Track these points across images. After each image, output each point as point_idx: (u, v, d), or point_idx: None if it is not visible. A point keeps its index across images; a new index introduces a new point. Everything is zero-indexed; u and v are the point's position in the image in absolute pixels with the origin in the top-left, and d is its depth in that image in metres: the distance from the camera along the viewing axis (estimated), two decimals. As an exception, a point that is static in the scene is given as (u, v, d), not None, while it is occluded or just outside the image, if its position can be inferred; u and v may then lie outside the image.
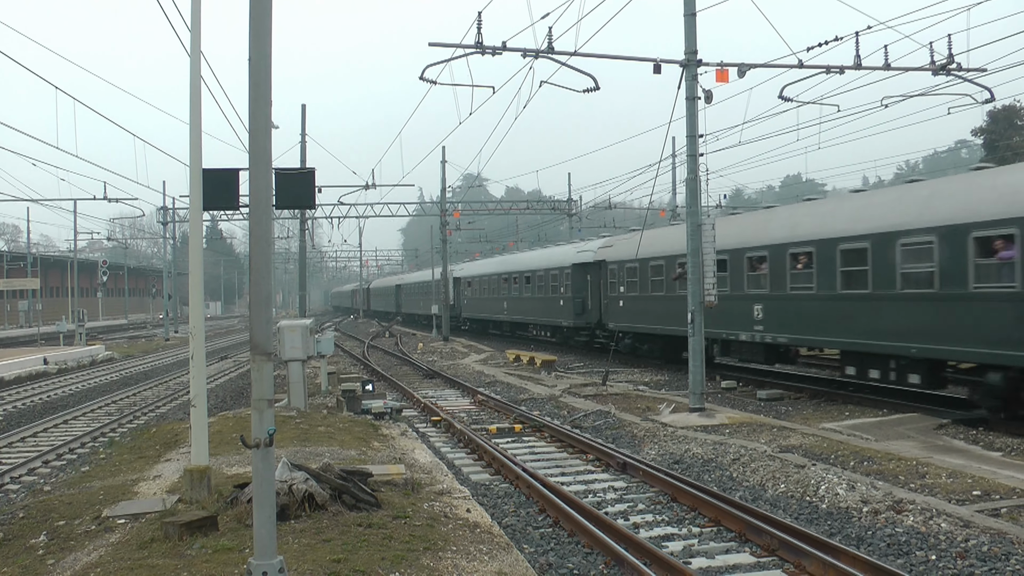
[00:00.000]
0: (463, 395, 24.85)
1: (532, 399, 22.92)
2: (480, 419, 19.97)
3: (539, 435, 17.47)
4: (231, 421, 16.95)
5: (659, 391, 23.82)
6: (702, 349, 19.13)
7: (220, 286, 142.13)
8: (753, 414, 18.84)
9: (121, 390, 28.61)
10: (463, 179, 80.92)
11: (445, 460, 14.92)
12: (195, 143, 10.15)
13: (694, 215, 19.17)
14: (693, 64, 18.74)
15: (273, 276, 6.60)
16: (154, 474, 12.48)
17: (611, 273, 31.21)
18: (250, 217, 6.16)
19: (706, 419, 17.93)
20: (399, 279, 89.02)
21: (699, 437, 15.96)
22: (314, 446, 13.78)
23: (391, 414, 19.45)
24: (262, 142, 6.14)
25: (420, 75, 19.99)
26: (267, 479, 5.95)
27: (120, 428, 20.59)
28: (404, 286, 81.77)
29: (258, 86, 6.03)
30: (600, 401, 21.69)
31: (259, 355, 6.01)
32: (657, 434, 16.65)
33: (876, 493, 11.12)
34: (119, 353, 45.34)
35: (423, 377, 30.33)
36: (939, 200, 16.54)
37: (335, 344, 32.10)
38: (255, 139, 6.12)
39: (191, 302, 10.36)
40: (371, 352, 42.73)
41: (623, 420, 18.46)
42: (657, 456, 14.92)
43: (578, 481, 13.24)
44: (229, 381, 31.35)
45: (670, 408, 19.47)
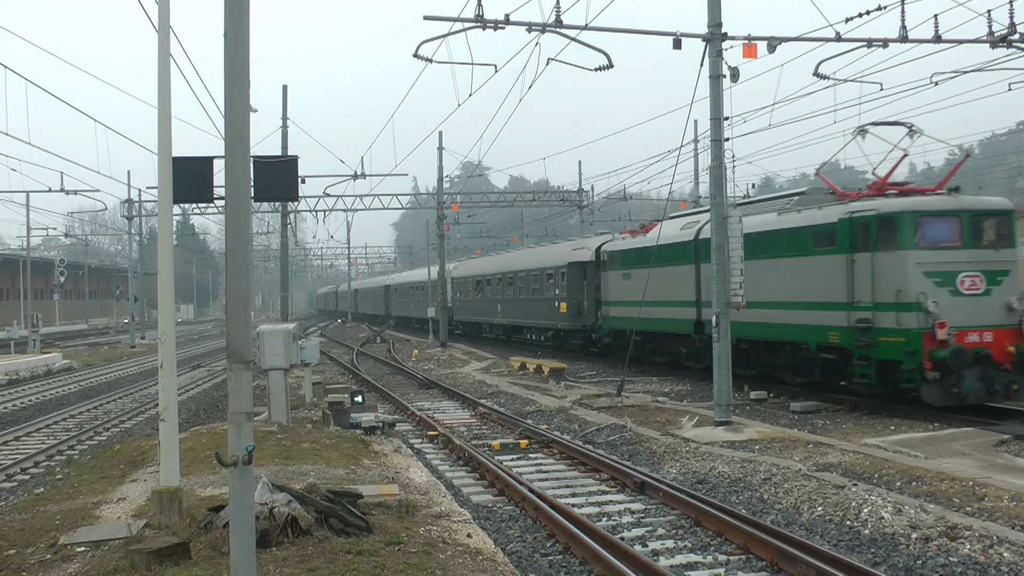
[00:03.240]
0: (463, 407, 24.86)
1: (539, 411, 22.92)
2: (482, 434, 19.96)
3: (547, 451, 17.46)
4: (205, 437, 16.95)
5: (680, 402, 23.80)
6: (728, 356, 19.12)
7: (192, 287, 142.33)
8: (786, 428, 18.82)
9: (81, 403, 28.63)
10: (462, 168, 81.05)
11: (443, 479, 14.92)
12: (164, 128, 10.15)
13: (719, 206, 19.16)
14: (717, 38, 18.73)
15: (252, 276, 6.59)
16: (118, 496, 12.47)
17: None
18: (226, 210, 6.15)
19: (733, 434, 17.91)
20: (388, 279, 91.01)
21: (725, 454, 15.94)
22: (298, 464, 13.77)
23: (383, 428, 19.45)
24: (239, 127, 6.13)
25: (414, 52, 20.02)
26: (245, 501, 5.95)
27: (79, 445, 20.60)
28: (394, 287, 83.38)
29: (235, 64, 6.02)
30: (615, 414, 21.68)
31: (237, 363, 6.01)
32: (678, 450, 16.64)
33: (927, 517, 11.08)
34: (78, 362, 45.40)
35: (418, 387, 30.35)
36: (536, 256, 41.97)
37: (321, 351, 32.15)
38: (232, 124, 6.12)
39: (160, 305, 10.36)
40: (361, 360, 42.77)
41: (641, 435, 18.45)
42: (679, 475, 14.91)
43: (591, 503, 13.24)
44: (203, 392, 31.38)
45: (693, 421, 19.46)
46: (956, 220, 19.63)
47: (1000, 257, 19.78)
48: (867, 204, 20.63)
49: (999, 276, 19.64)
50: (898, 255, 19.54)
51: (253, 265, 9.41)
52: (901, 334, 19.28)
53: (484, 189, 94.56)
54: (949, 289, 19.32)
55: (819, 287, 21.59)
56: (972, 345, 18.99)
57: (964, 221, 19.51)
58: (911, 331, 19.01)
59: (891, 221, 19.73)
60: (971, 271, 19.44)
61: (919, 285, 19.20)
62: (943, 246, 19.51)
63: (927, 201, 19.97)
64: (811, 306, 21.90)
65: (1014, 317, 19.46)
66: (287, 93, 38.68)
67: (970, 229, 19.61)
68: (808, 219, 22.23)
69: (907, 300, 19.18)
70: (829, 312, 21.28)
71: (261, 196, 14.39)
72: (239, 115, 6.14)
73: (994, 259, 19.70)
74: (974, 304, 19.37)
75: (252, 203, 7.56)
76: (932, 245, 19.47)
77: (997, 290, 19.58)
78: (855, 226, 20.61)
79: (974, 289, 19.44)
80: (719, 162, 19.12)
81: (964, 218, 19.52)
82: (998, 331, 19.30)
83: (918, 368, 18.94)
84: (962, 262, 19.35)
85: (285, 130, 38.40)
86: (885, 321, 19.70)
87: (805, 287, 22.00)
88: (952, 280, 19.34)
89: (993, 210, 20.08)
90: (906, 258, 19.27)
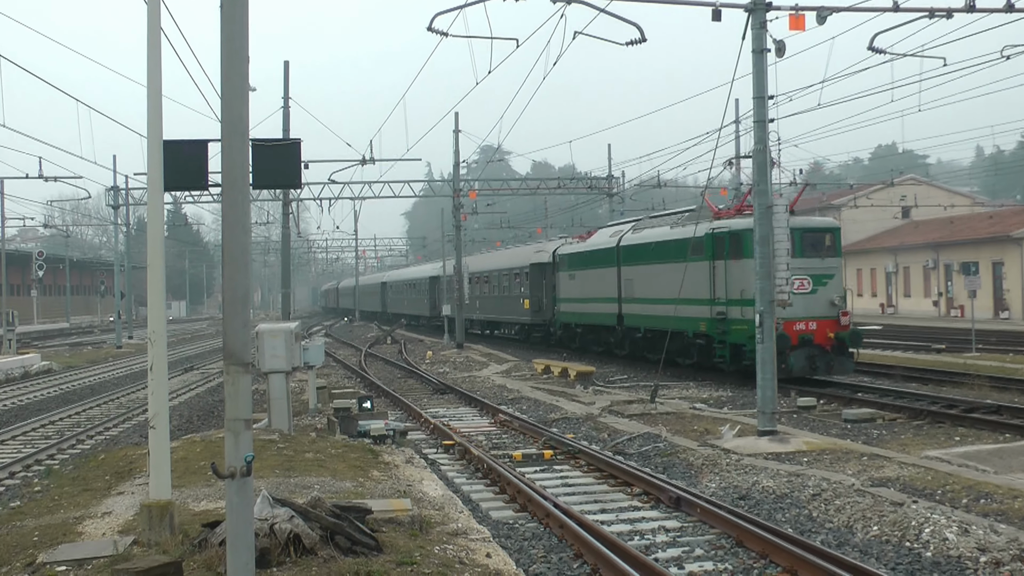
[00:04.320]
0: (481, 414, 24.89)
1: (565, 419, 22.93)
2: (502, 443, 19.98)
3: (574, 463, 17.46)
4: (199, 446, 17.04)
5: (720, 410, 23.77)
6: (772, 360, 19.07)
7: (185, 282, 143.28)
8: (837, 439, 18.75)
9: (62, 408, 28.79)
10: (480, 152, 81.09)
11: (460, 493, 14.93)
12: (154, 108, 10.19)
13: (763, 194, 19.09)
14: (761, 8, 18.64)
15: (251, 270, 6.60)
16: (103, 510, 12.54)
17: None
18: (223, 199, 6.17)
19: (778, 445, 17.85)
20: (385, 276, 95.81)
21: (770, 467, 15.90)
22: (301, 476, 13.82)
23: (394, 437, 19.49)
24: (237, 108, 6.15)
25: (428, 25, 20.00)
26: (244, 517, 5.97)
27: (60, 454, 20.70)
28: (392, 284, 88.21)
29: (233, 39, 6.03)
30: (648, 422, 21.66)
31: (234, 366, 6.03)
32: (718, 463, 16.60)
33: (997, 539, 11.00)
34: (59, 363, 45.61)
35: (433, 392, 30.41)
36: (507, 256, 49.69)
37: (326, 353, 32.18)
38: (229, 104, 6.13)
39: (150, 301, 10.40)
40: (369, 362, 42.90)
41: (676, 445, 18.42)
42: (718, 489, 14.88)
43: (621, 519, 13.23)
44: (196, 397, 31.54)
45: (734, 431, 19.41)
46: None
47: (826, 264, 27.39)
48: (725, 223, 28.68)
49: (824, 279, 27.21)
50: (743, 262, 26.64)
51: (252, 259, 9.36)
52: (745, 323, 26.10)
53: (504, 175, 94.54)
54: None
55: (693, 287, 28.91)
56: (799, 332, 26.36)
57: (795, 236, 24.71)
58: (751, 321, 23.26)
59: (738, 236, 27.49)
60: (800, 275, 26.14)
61: None
62: None
63: None
64: (688, 302, 29.18)
65: (835, 311, 26.95)
66: (289, 70, 38.80)
67: (800, 243, 26.29)
68: (687, 233, 29.47)
69: (749, 297, 24.62)
70: (699, 307, 29.20)
71: (261, 183, 14.45)
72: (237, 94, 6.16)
73: (820, 266, 27.20)
74: (802, 301, 26.20)
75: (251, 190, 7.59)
76: None
77: (822, 290, 27.06)
78: (715, 239, 28.68)
79: (803, 289, 26.46)
80: (763, 145, 19.04)
81: (796, 234, 24.79)
82: (821, 322, 26.69)
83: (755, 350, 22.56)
84: (794, 268, 23.84)
85: (287, 111, 38.50)
86: (735, 313, 27.60)
87: (685, 287, 28.39)
88: None
89: (821, 228, 28.23)
90: (748, 265, 24.07)
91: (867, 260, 76.11)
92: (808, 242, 27.24)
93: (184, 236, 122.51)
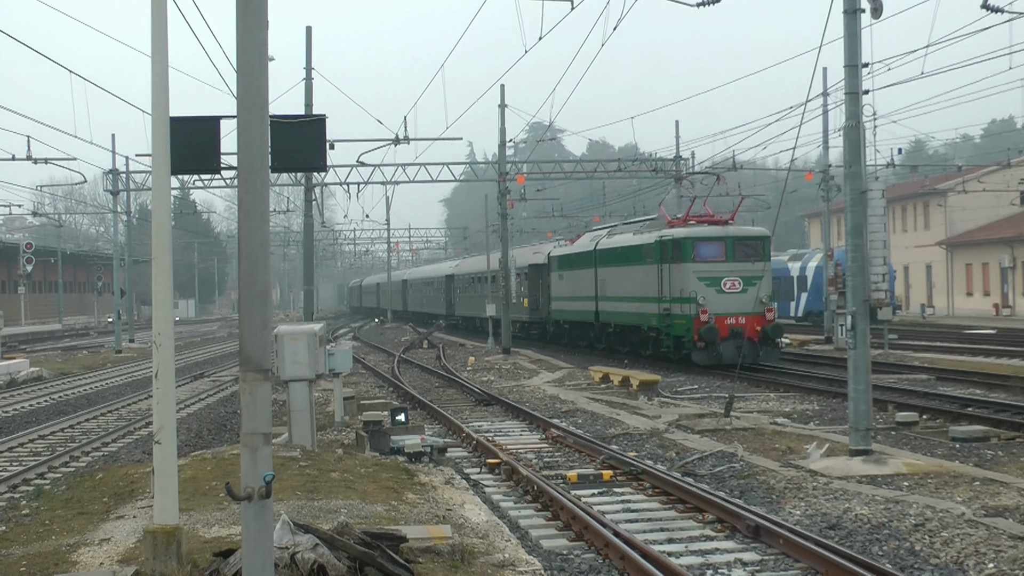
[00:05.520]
0: (531, 428, 24.91)
1: (627, 435, 22.91)
2: (555, 462, 19.98)
3: (637, 485, 17.43)
4: (210, 464, 17.15)
5: (805, 425, 23.64)
6: (866, 367, 18.92)
7: (194, 278, 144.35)
8: (944, 460, 18.58)
9: (53, 420, 28.98)
10: (529, 131, 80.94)
11: (507, 519, 14.94)
12: (159, 81, 10.27)
13: (855, 177, 18.95)
14: (855, -38, 18.50)
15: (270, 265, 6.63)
16: (100, 536, 12.62)
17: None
18: (239, 183, 6.22)
19: (874, 466, 17.73)
20: (406, 273, 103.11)
21: (864, 492, 15.78)
22: (326, 499, 13.89)
23: (431, 455, 19.53)
24: (255, 79, 6.19)
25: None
26: (261, 544, 6.01)
27: (52, 473, 20.80)
28: (412, 282, 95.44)
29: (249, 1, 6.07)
30: (722, 439, 21.60)
31: (252, 372, 6.07)
32: (804, 486, 16.51)
33: None
34: (50, 369, 45.95)
35: (475, 404, 30.46)
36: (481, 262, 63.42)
37: (354, 358, 32.26)
38: (245, 74, 6.18)
39: (155, 299, 10.48)
40: (403, 369, 43.05)
41: (755, 466, 18.35)
42: (804, 517, 14.79)
43: (692, 551, 13.19)
44: (207, 409, 31.76)
45: (822, 450, 19.30)
46: (722, 243, 36.64)
47: (755, 268, 36.31)
48: (670, 231, 37.97)
49: (754, 280, 35.92)
50: (683, 266, 36.57)
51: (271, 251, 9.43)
52: (684, 319, 36.20)
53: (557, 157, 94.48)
54: (715, 289, 35.86)
55: (646, 287, 38.87)
56: (730, 325, 35.21)
57: (728, 244, 36.49)
58: (688, 316, 35.73)
59: (679, 243, 37.09)
60: (732, 277, 35.91)
61: (694, 286, 35.93)
62: (712, 260, 36.37)
63: (703, 230, 37.33)
64: (643, 300, 39.44)
65: (762, 308, 35.66)
66: (311, 37, 39.04)
67: (732, 249, 36.51)
68: (643, 239, 40.13)
69: (687, 296, 35.99)
70: (651, 304, 38.67)
71: (281, 165, 14.56)
72: (254, 63, 6.20)
73: (750, 269, 36.15)
74: (734, 299, 35.76)
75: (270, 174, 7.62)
76: (704, 260, 36.40)
77: (752, 289, 35.49)
78: (662, 246, 38.03)
79: (734, 288, 35.89)
80: (855, 121, 18.90)
81: (728, 242, 36.50)
82: (750, 317, 35.52)
83: (691, 341, 35.51)
84: (725, 271, 35.84)
85: (309, 83, 38.75)
86: (676, 310, 36.79)
87: (640, 287, 39.40)
88: (718, 283, 35.90)
89: (751, 236, 37.57)
90: (687, 268, 36.15)
91: (977, 253, 75.27)
92: (740, 249, 36.70)
93: (193, 226, 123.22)
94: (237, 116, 6.36)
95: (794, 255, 70.52)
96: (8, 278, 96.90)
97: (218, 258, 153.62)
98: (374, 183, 53.66)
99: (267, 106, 6.56)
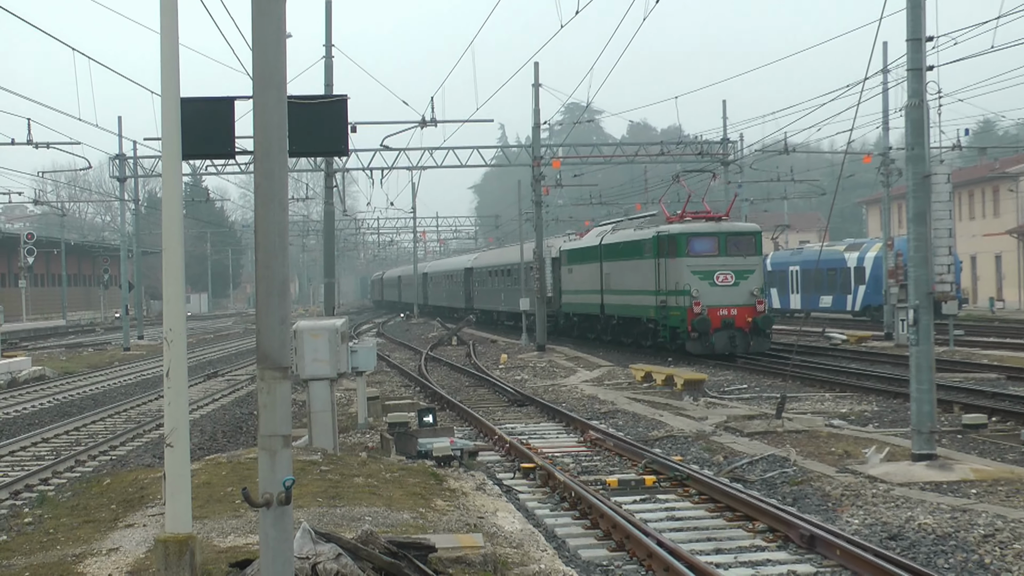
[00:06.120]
0: (568, 431, 24.92)
1: (671, 437, 22.91)
2: (594, 467, 19.99)
3: (682, 491, 17.42)
4: (225, 468, 17.23)
5: (863, 427, 23.53)
6: (930, 365, 18.80)
7: (206, 270, 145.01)
8: (1015, 466, 18.46)
9: (57, 422, 29.13)
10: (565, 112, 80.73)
11: (542, 527, 14.95)
12: (169, 59, 10.30)
13: (918, 160, 18.83)
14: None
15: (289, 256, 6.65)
16: (108, 546, 12.67)
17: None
18: (255, 168, 6.23)
19: (939, 472, 17.62)
20: (427, 266, 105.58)
21: (928, 499, 15.72)
22: (349, 506, 13.92)
23: (462, 459, 19.58)
24: (272, 56, 6.20)
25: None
26: (281, 554, 6.03)
27: (56, 478, 20.91)
28: (432, 275, 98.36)
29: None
30: (774, 442, 21.54)
31: (270, 371, 6.09)
32: (862, 493, 16.45)
33: None
34: (54, 368, 46.19)
35: (509, 404, 30.50)
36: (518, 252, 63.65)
37: (378, 355, 32.23)
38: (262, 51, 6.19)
39: (166, 293, 10.53)
40: (431, 367, 43.13)
41: (809, 471, 18.29)
42: (862, 527, 14.73)
43: (741, 562, 13.17)
44: (221, 409, 31.92)
45: (881, 454, 19.21)
46: (715, 238, 40.82)
47: (747, 262, 40.63)
48: (667, 227, 42.21)
49: (746, 274, 40.33)
50: (678, 260, 40.69)
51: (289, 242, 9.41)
52: (679, 310, 40.35)
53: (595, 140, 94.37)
54: (708, 282, 39.81)
55: (645, 280, 43.25)
56: (722, 317, 39.37)
57: (721, 239, 40.73)
58: (683, 308, 39.94)
59: (674, 239, 41.24)
60: (724, 271, 40.00)
61: (688, 279, 39.88)
62: (705, 255, 40.45)
63: (697, 226, 41.70)
64: (643, 293, 43.90)
65: (753, 300, 39.97)
66: (331, 11, 39.10)
67: (725, 244, 40.64)
68: (643, 235, 44.71)
69: (681, 289, 40.03)
70: (649, 296, 42.95)
71: (300, 149, 14.58)
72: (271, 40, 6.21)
73: (742, 263, 40.43)
74: (726, 291, 39.88)
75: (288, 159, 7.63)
76: (698, 254, 40.52)
77: (743, 283, 40.07)
78: (659, 241, 42.17)
79: (726, 282, 39.92)
80: (918, 99, 18.78)
81: (721, 237, 40.80)
82: (741, 308, 39.73)
83: (686, 331, 39.61)
84: (718, 265, 40.06)
85: (329, 61, 38.83)
86: (672, 302, 40.91)
87: (640, 280, 43.91)
88: (711, 276, 39.87)
89: (743, 231, 42.06)
90: (681, 262, 40.36)
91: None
92: (732, 243, 40.86)
93: (206, 215, 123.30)
94: (253, 96, 6.37)
95: (851, 245, 70.08)
96: (8, 271, 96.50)
97: (232, 249, 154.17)
98: (399, 168, 53.81)
99: (285, 85, 6.57)
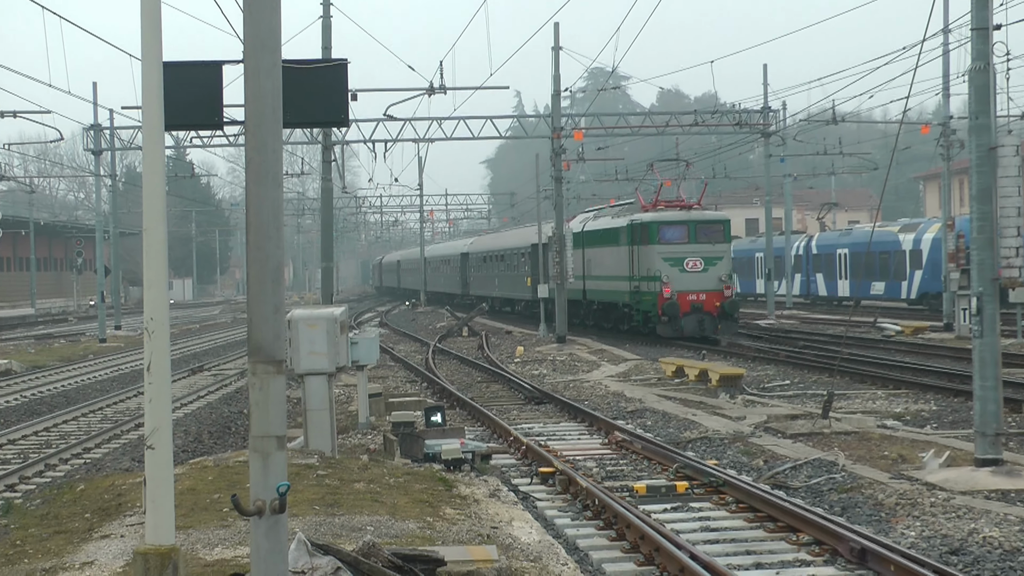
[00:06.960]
0: (591, 432, 24.92)
1: (705, 439, 22.92)
2: (619, 472, 19.99)
3: (717, 499, 17.41)
4: (212, 473, 17.26)
5: (920, 429, 23.49)
6: (995, 361, 18.72)
7: (191, 254, 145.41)
8: (1087, 470, 18.39)
9: (25, 422, 29.21)
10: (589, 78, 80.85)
11: (563, 539, 14.96)
12: (151, 19, 10.28)
13: (983, 130, 18.75)
14: None
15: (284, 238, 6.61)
16: (82, 559, 12.69)
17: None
18: (246, 141, 6.21)
19: (1006, 479, 17.60)
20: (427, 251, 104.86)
21: (994, 509, 15.69)
22: (349, 514, 13.94)
23: (473, 462, 19.59)
24: (266, 16, 6.18)
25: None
26: (274, 568, 6.03)
27: (23, 484, 20.97)
28: (430, 260, 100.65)
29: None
30: (820, 444, 21.53)
31: (262, 364, 6.08)
32: (919, 502, 16.42)
33: None
34: (22, 362, 46.28)
35: (525, 402, 30.51)
36: (514, 236, 75.52)
37: (382, 348, 32.21)
38: (254, 12, 6.17)
39: (147, 279, 10.51)
40: (439, 360, 43.16)
41: (860, 477, 18.27)
42: (919, 539, 14.71)
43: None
44: (208, 408, 31.96)
45: (941, 458, 19.17)
46: (685, 227, 46.99)
47: (716, 249, 46.86)
48: (639, 216, 48.54)
49: (715, 260, 46.52)
50: (649, 247, 46.91)
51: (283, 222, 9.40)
52: (650, 295, 46.57)
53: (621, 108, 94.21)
54: (679, 268, 45.91)
55: (620, 266, 49.66)
56: (691, 301, 45.37)
57: (691, 227, 46.96)
58: (653, 293, 46.05)
59: (646, 227, 47.57)
60: (694, 257, 46.15)
61: (659, 265, 46.00)
62: (676, 242, 46.68)
63: (668, 214, 47.92)
64: (618, 279, 50.25)
65: (721, 285, 46.06)
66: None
67: (695, 232, 46.88)
68: (618, 223, 51.31)
69: (653, 275, 46.16)
70: (624, 282, 49.36)
71: (295, 119, 14.54)
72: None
73: (711, 250, 46.66)
74: (696, 277, 46.05)
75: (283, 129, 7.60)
76: (669, 242, 46.73)
77: (712, 269, 46.29)
78: (632, 229, 48.63)
79: (696, 268, 46.11)
80: (984, 62, 18.70)
81: (691, 225, 47.05)
82: (710, 294, 45.79)
83: (656, 315, 45.67)
84: (688, 252, 46.24)
85: (328, 21, 38.85)
86: (644, 287, 47.23)
87: (616, 266, 50.49)
88: (681, 263, 45.99)
89: (712, 220, 48.76)
90: (653, 249, 46.52)
91: None
92: (702, 231, 47.02)
93: (190, 192, 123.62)
94: (244, 60, 6.36)
95: (906, 225, 69.76)
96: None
97: (220, 230, 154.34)
98: (404, 140, 53.82)
99: (279, 48, 6.55)
